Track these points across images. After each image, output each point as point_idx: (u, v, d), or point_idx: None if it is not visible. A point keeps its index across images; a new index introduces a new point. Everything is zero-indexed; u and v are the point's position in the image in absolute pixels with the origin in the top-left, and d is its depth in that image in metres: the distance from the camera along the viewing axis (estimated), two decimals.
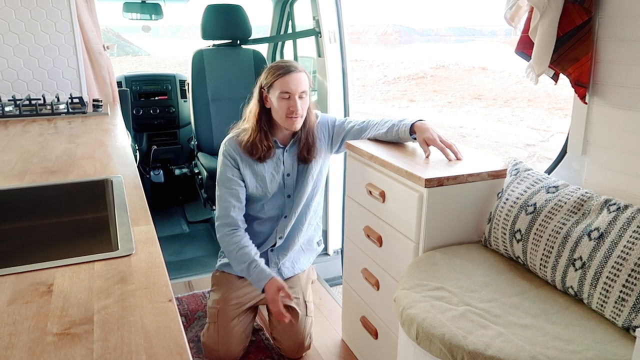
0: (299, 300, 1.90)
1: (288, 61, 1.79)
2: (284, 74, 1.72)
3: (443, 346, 1.08)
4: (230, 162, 1.80)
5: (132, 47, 21.13)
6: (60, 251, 1.29)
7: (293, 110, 1.72)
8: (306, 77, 1.76)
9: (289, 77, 1.71)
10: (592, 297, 1.13)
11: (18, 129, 1.99)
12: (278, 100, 1.73)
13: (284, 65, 1.75)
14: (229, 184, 1.81)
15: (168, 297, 0.79)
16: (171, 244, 3.07)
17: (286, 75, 1.71)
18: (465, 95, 12.62)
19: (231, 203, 1.80)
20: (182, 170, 3.32)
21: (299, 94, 1.73)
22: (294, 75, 1.72)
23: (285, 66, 1.74)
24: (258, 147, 1.78)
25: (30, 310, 0.76)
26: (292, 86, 1.71)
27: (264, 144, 1.78)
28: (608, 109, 1.33)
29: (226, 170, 1.81)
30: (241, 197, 1.83)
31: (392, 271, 1.60)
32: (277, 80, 1.72)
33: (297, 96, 1.72)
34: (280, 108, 1.74)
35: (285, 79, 1.71)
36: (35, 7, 2.32)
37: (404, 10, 74.53)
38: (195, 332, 2.10)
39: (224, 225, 1.81)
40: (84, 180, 1.37)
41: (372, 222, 1.70)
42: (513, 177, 1.43)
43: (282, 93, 1.72)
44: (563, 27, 1.31)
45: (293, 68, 1.73)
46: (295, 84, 1.72)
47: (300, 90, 1.73)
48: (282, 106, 1.73)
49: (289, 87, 1.71)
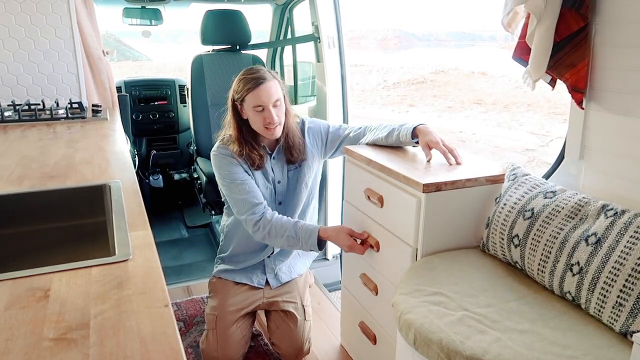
0: (297, 305, 1.89)
1: (256, 71, 1.72)
2: (253, 87, 1.67)
3: (441, 351, 1.08)
4: (228, 160, 1.76)
5: (133, 51, 21.17)
6: (58, 256, 1.29)
7: (270, 121, 1.70)
8: (277, 84, 1.72)
9: (259, 90, 1.67)
10: (589, 302, 1.13)
11: (17, 134, 1.99)
12: (253, 113, 1.70)
13: (252, 77, 1.69)
14: (238, 177, 1.75)
15: (164, 302, 0.79)
16: (170, 249, 3.07)
17: (255, 88, 1.67)
18: (464, 100, 12.64)
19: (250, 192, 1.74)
20: (181, 175, 3.33)
21: (273, 103, 1.69)
22: (263, 87, 1.67)
23: (253, 78, 1.69)
24: (252, 158, 1.76)
25: (26, 316, 0.76)
26: (264, 99, 1.68)
27: (255, 154, 1.76)
28: (605, 115, 1.34)
29: (228, 166, 1.76)
30: (254, 183, 1.77)
31: (391, 276, 1.60)
32: (247, 94, 1.68)
33: (271, 106, 1.69)
34: (257, 121, 1.71)
35: (255, 92, 1.67)
36: (35, 13, 2.33)
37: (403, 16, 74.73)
38: (194, 338, 2.10)
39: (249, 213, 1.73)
40: (83, 186, 1.37)
41: (370, 227, 1.70)
42: (511, 182, 1.44)
43: (256, 107, 1.69)
44: (560, 33, 1.32)
45: (261, 79, 1.68)
46: (266, 95, 1.68)
47: (273, 100, 1.69)
48: (258, 119, 1.71)
49: (260, 100, 1.68)
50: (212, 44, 2.96)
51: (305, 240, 1.69)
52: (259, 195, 1.76)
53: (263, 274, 1.91)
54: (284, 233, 1.70)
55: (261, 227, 1.72)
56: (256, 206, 1.73)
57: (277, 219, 1.72)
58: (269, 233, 1.72)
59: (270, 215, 1.73)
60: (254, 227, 1.73)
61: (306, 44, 2.84)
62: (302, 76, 3.15)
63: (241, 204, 1.75)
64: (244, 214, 1.74)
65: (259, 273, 1.91)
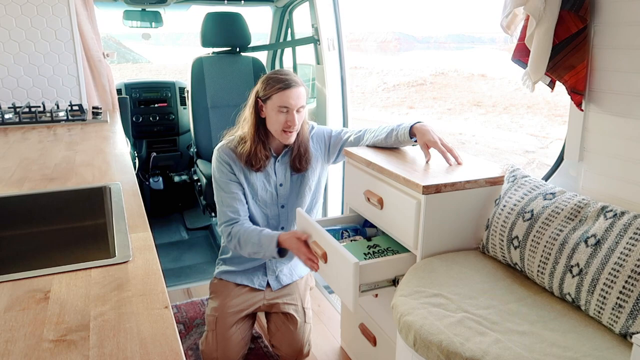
0: (298, 307, 1.89)
1: (288, 73, 1.75)
2: (284, 88, 1.68)
3: (441, 353, 1.08)
4: (225, 169, 1.79)
5: (133, 54, 21.21)
6: (58, 258, 1.30)
7: (290, 124, 1.71)
8: (304, 92, 1.74)
9: (289, 92, 1.68)
10: (589, 304, 1.13)
11: (17, 136, 2.00)
12: (276, 113, 1.71)
13: (284, 78, 1.70)
14: (227, 188, 1.79)
15: (164, 303, 0.79)
16: (170, 251, 3.07)
17: (286, 90, 1.68)
18: (464, 102, 12.66)
19: (232, 205, 1.77)
20: (182, 177, 3.33)
21: (297, 108, 1.71)
22: (294, 90, 1.69)
23: (285, 79, 1.69)
24: (257, 158, 1.76)
25: (27, 317, 0.76)
26: (291, 101, 1.69)
27: (262, 154, 1.77)
28: (604, 116, 1.34)
29: (222, 175, 1.79)
30: (241, 198, 1.80)
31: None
32: (276, 93, 1.69)
33: (295, 111, 1.70)
34: (277, 121, 1.72)
35: (285, 93, 1.68)
36: (35, 15, 2.33)
37: (403, 18, 74.87)
38: (193, 340, 2.10)
39: (226, 224, 1.78)
40: (83, 188, 1.37)
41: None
42: (510, 184, 1.44)
43: (281, 107, 1.69)
44: (559, 35, 1.32)
45: (293, 83, 1.69)
46: (295, 99, 1.69)
47: (299, 105, 1.71)
48: (279, 120, 1.71)
49: (288, 102, 1.69)
50: (212, 46, 2.96)
51: (267, 246, 1.71)
52: (240, 210, 1.79)
53: (264, 276, 1.91)
54: (250, 240, 1.72)
55: (232, 236, 1.76)
56: (233, 219, 1.77)
57: (245, 228, 1.75)
58: (239, 242, 1.75)
59: (240, 225, 1.76)
60: (227, 238, 1.78)
61: (306, 46, 2.84)
62: (302, 78, 3.13)
63: (222, 215, 1.80)
64: (221, 225, 1.80)
65: (260, 275, 1.91)
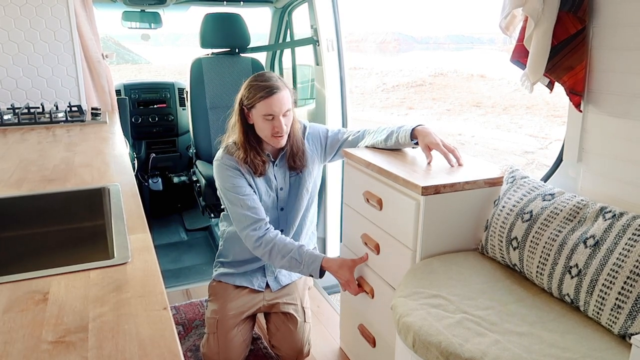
0: (297, 307, 1.89)
1: (269, 78, 1.69)
2: (265, 96, 1.64)
3: (440, 354, 1.08)
4: (234, 173, 1.75)
5: (132, 55, 21.22)
6: (57, 259, 1.30)
7: (278, 130, 1.69)
8: (288, 94, 1.70)
9: (272, 99, 1.65)
10: (588, 305, 1.13)
11: (16, 137, 2.00)
12: (262, 121, 1.69)
13: (265, 85, 1.66)
14: (242, 191, 1.73)
15: (163, 305, 0.79)
16: (169, 252, 3.06)
17: (268, 97, 1.64)
18: (463, 102, 12.66)
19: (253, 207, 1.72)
20: (181, 178, 3.33)
21: (283, 113, 1.68)
22: (276, 96, 1.65)
23: (266, 87, 1.65)
24: (255, 164, 1.75)
25: (25, 319, 0.76)
26: (275, 108, 1.65)
27: (259, 160, 1.75)
28: (603, 117, 1.34)
29: (232, 180, 1.74)
30: (257, 197, 1.76)
31: (390, 279, 1.60)
32: (259, 102, 1.66)
33: (282, 115, 1.68)
34: (265, 128, 1.70)
35: (268, 101, 1.65)
36: (34, 16, 2.33)
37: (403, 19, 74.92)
38: (193, 341, 2.10)
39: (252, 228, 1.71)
40: (82, 189, 1.37)
41: (369, 229, 1.70)
42: (509, 185, 1.44)
43: (266, 115, 1.67)
44: (557, 36, 1.33)
45: (275, 89, 1.65)
46: (279, 105, 1.66)
47: (284, 110, 1.68)
48: (266, 127, 1.69)
49: (272, 109, 1.66)
50: (211, 47, 2.96)
51: (308, 265, 1.69)
52: (261, 211, 1.75)
53: (263, 277, 1.91)
54: (287, 254, 1.70)
55: (263, 244, 1.71)
56: (258, 222, 1.73)
57: (280, 239, 1.72)
58: (270, 251, 1.71)
59: (274, 234, 1.73)
60: (255, 243, 1.72)
61: (305, 47, 2.84)
62: (301, 79, 3.15)
63: (244, 218, 1.73)
64: (246, 229, 1.73)
65: (259, 276, 1.91)
